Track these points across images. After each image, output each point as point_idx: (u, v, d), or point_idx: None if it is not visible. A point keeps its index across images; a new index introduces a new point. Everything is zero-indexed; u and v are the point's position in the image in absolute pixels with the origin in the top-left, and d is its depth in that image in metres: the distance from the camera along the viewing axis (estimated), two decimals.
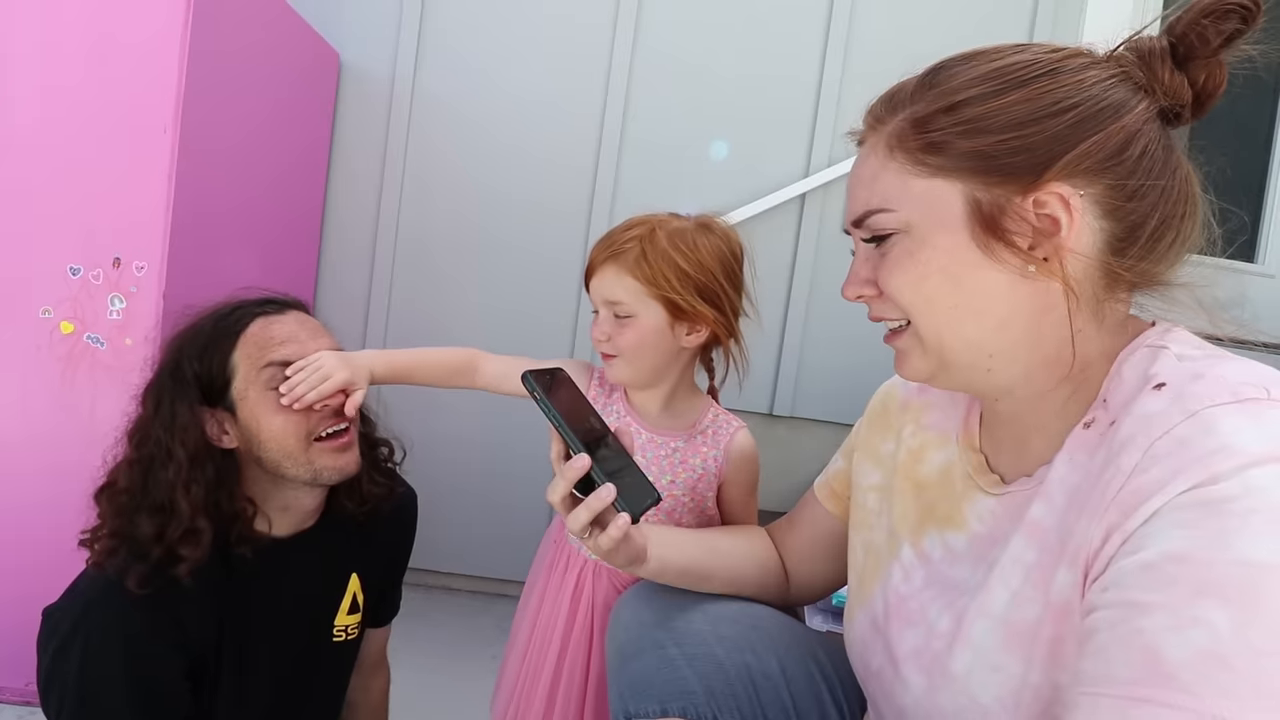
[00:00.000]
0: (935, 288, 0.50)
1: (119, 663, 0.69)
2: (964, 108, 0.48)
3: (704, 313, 0.83)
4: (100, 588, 0.71)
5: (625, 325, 0.84)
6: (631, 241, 0.83)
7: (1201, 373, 0.44)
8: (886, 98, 0.54)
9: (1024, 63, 0.49)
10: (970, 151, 0.48)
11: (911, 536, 0.60)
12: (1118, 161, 0.47)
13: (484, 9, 1.74)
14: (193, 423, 0.74)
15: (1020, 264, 0.48)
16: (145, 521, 0.71)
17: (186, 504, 0.72)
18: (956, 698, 0.50)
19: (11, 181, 1.18)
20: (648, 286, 0.82)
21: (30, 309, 1.19)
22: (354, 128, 1.76)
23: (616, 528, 0.59)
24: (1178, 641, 0.37)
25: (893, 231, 0.51)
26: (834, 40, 1.73)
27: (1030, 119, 0.47)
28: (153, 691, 0.71)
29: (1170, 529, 0.39)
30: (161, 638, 0.71)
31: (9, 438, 1.20)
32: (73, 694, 0.69)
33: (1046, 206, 0.47)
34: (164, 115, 1.18)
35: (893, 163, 0.51)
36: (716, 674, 0.65)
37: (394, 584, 0.96)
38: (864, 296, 0.55)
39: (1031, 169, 0.47)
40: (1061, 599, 0.45)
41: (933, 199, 0.49)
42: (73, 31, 1.16)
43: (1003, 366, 0.51)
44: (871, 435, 0.69)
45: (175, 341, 0.78)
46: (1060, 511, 0.48)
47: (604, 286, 0.84)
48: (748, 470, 0.91)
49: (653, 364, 0.86)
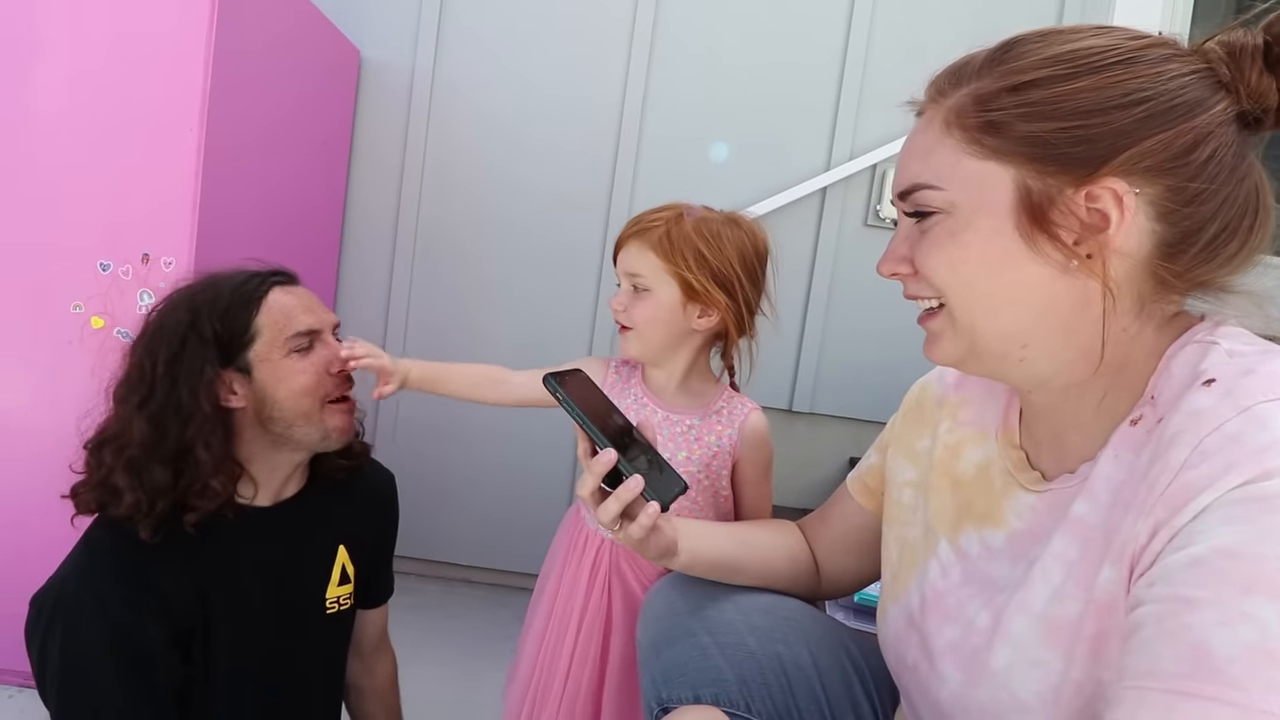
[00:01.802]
0: (972, 272, 0.49)
1: (101, 637, 0.70)
2: (1030, 89, 0.46)
3: (716, 297, 0.87)
4: (76, 565, 0.73)
5: (641, 298, 0.89)
6: (659, 221, 0.88)
7: (1253, 368, 0.43)
8: (952, 70, 0.52)
9: (1101, 47, 0.46)
10: (1029, 136, 0.46)
11: (949, 533, 0.59)
12: (1182, 164, 0.44)
13: (503, 4, 1.75)
14: (213, 380, 0.77)
15: (1063, 259, 0.46)
16: (160, 473, 0.73)
17: (209, 456, 0.74)
18: (996, 693, 0.49)
19: (42, 180, 1.20)
20: (666, 263, 0.87)
21: (62, 304, 1.21)
22: (375, 122, 1.77)
23: (647, 516, 0.60)
24: (1226, 636, 0.36)
25: (936, 210, 0.50)
26: (856, 32, 1.72)
27: (1098, 108, 0.45)
28: (139, 663, 0.72)
29: (1220, 525, 0.39)
30: (142, 610, 0.72)
31: (41, 430, 1.22)
32: (61, 673, 0.70)
33: (1098, 201, 0.45)
34: (190, 113, 1.19)
35: (949, 139, 0.49)
36: (749, 663, 0.65)
37: (383, 564, 0.98)
38: (899, 274, 0.54)
39: (1089, 161, 0.45)
40: (1105, 595, 0.45)
41: (982, 182, 0.48)
42: (99, 31, 1.18)
43: (1036, 358, 0.50)
44: (906, 431, 0.69)
45: (188, 301, 0.79)
46: (1105, 508, 0.47)
47: (628, 259, 0.90)
48: (761, 450, 0.94)
49: (663, 340, 0.90)
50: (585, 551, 0.94)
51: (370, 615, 0.98)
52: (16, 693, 1.23)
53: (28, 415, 1.23)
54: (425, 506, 1.80)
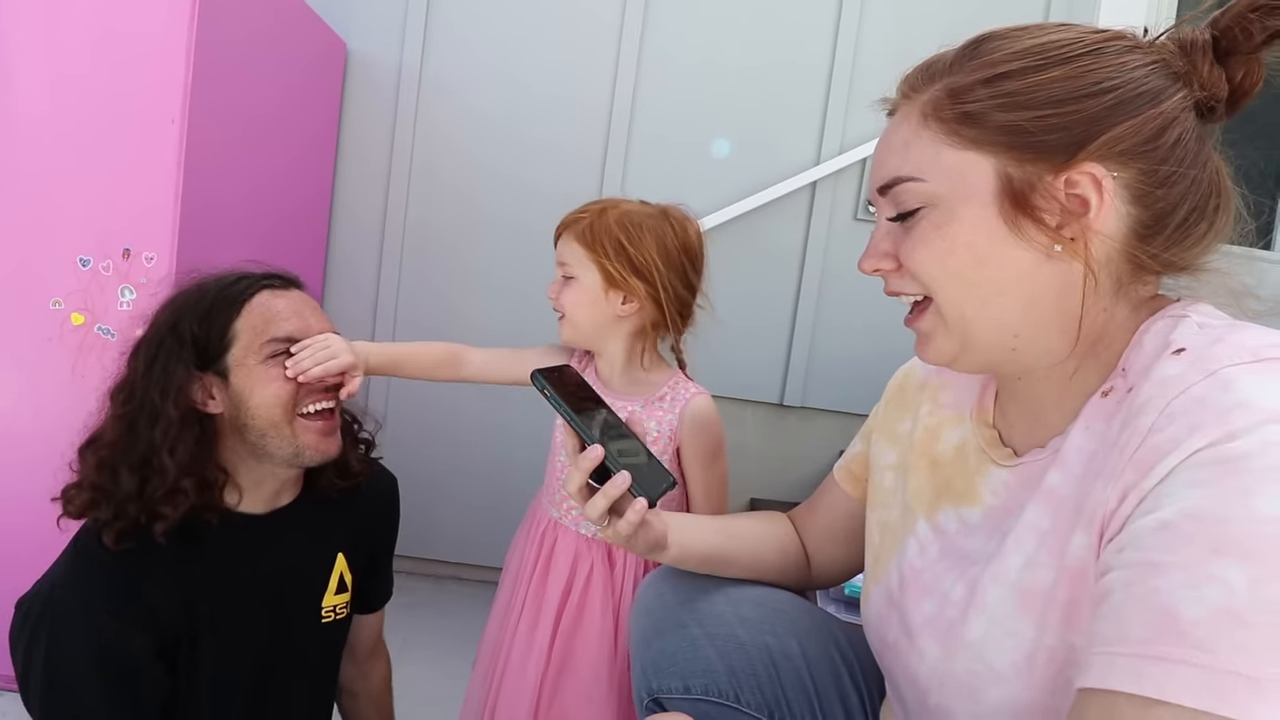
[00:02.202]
0: (960, 262, 0.49)
1: (85, 646, 0.69)
2: (1004, 80, 0.48)
3: (634, 284, 0.92)
4: (65, 572, 0.72)
5: (569, 286, 0.95)
6: (587, 214, 0.95)
7: (1221, 337, 0.43)
8: (924, 66, 0.53)
9: (1067, 40, 0.48)
10: (1007, 125, 0.48)
11: (926, 512, 0.60)
12: (1152, 147, 0.46)
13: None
14: (186, 383, 0.74)
15: (1047, 243, 0.47)
16: (127, 477, 0.72)
17: (172, 463, 0.72)
18: (971, 664, 0.50)
19: (21, 174, 1.18)
20: (589, 252, 0.93)
21: (41, 300, 1.19)
22: (362, 117, 1.76)
23: (634, 512, 0.60)
24: (1193, 599, 0.36)
25: (920, 206, 0.50)
26: (845, 25, 1.72)
27: (1070, 96, 0.47)
28: (124, 679, 0.71)
29: (1186, 487, 0.39)
30: (129, 622, 0.71)
31: (21, 428, 1.20)
32: (44, 680, 0.69)
33: (1077, 186, 0.47)
34: (171, 106, 1.17)
35: (926, 131, 0.50)
36: (738, 654, 0.65)
37: (382, 569, 0.96)
38: (881, 270, 0.54)
39: (1066, 147, 0.47)
40: (1076, 562, 0.45)
41: (963, 171, 0.49)
42: (79, 22, 1.16)
43: (1027, 345, 0.50)
44: (889, 415, 0.69)
45: (174, 303, 0.78)
46: (1077, 478, 0.48)
47: (560, 250, 0.96)
48: (703, 434, 0.95)
49: (590, 326, 0.95)
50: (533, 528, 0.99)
51: (366, 620, 0.96)
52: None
53: (7, 414, 1.21)
54: (415, 503, 1.77)
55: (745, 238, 1.75)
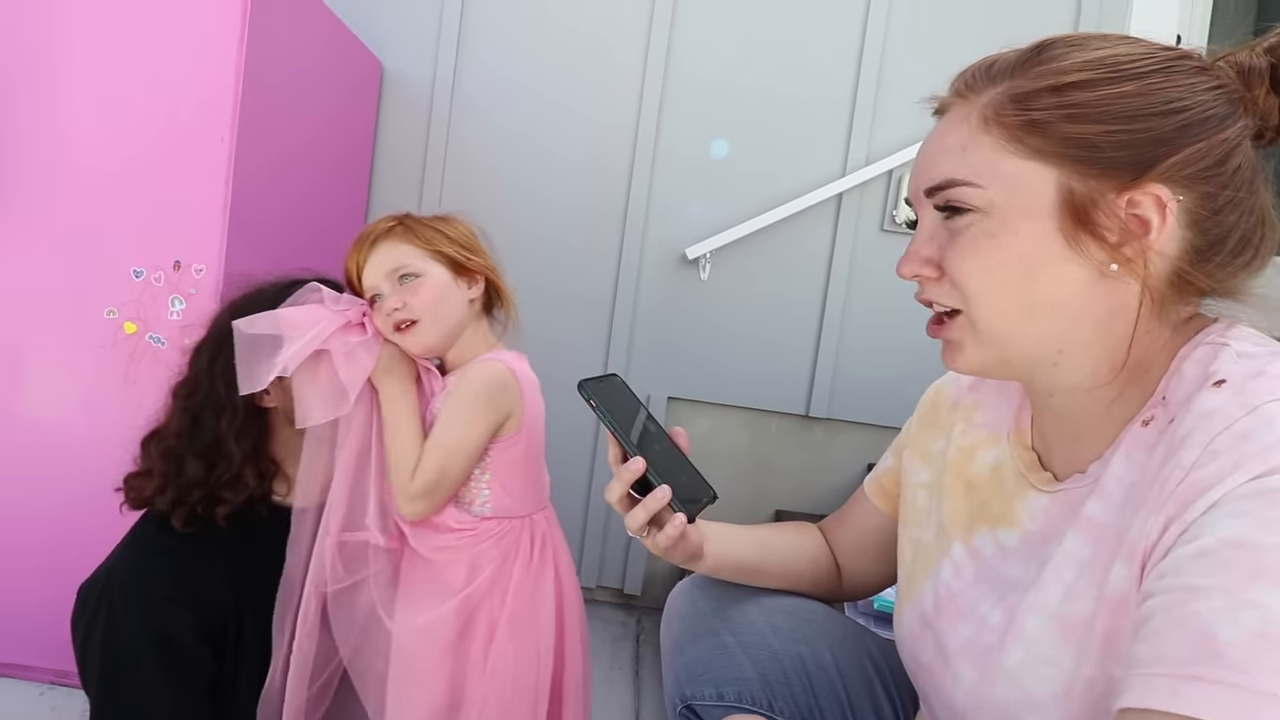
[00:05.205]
0: (1010, 276, 0.48)
1: (142, 626, 0.73)
2: (1073, 90, 0.47)
3: (481, 263, 0.95)
4: (123, 559, 0.76)
5: (417, 286, 0.90)
6: (391, 223, 0.93)
7: (1262, 369, 0.44)
8: (983, 67, 0.51)
9: (1138, 54, 0.47)
10: (1074, 138, 0.46)
11: (962, 534, 0.59)
12: (1216, 173, 0.46)
13: (521, 19, 1.78)
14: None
15: (1104, 260, 0.46)
16: (194, 464, 0.77)
17: (238, 450, 0.78)
18: (1009, 690, 0.50)
19: (79, 188, 1.23)
20: (426, 247, 0.92)
21: (96, 310, 1.24)
22: (396, 133, 1.81)
23: (674, 527, 0.60)
24: (1230, 622, 0.37)
25: (970, 209, 0.49)
26: (871, 37, 1.73)
27: (1140, 113, 0.46)
28: (179, 653, 0.75)
29: (1229, 518, 0.39)
30: (184, 606, 0.75)
31: (76, 434, 1.26)
32: (105, 661, 0.73)
33: (1139, 207, 0.46)
34: (221, 124, 1.22)
35: (987, 136, 0.48)
36: (771, 663, 0.65)
37: None
38: (921, 276, 0.52)
39: (1133, 166, 0.46)
40: (1117, 593, 0.45)
41: (1023, 182, 0.47)
42: (132, 41, 1.21)
43: (1069, 361, 0.50)
44: (921, 433, 0.69)
45: (233, 305, 0.84)
46: (1117, 508, 0.47)
47: (383, 263, 0.91)
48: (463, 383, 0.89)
49: (453, 319, 0.93)
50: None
51: None
52: (48, 690, 1.25)
53: (64, 418, 1.26)
54: None
55: (772, 249, 1.76)
